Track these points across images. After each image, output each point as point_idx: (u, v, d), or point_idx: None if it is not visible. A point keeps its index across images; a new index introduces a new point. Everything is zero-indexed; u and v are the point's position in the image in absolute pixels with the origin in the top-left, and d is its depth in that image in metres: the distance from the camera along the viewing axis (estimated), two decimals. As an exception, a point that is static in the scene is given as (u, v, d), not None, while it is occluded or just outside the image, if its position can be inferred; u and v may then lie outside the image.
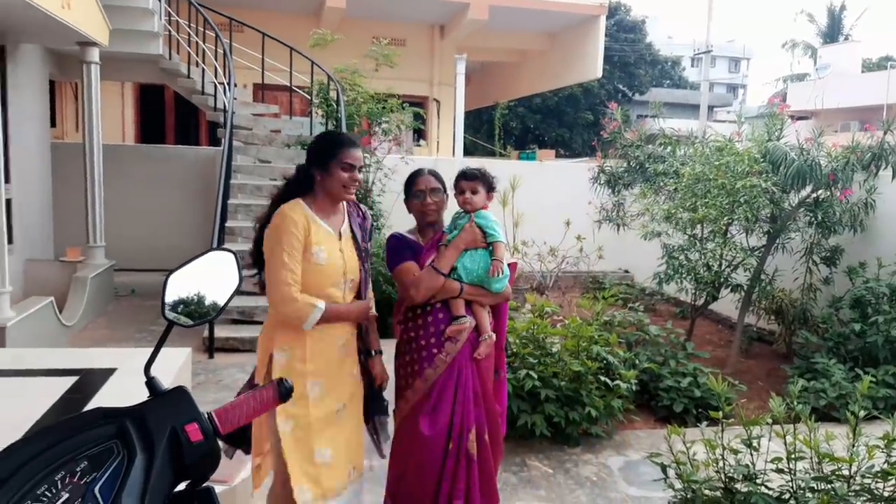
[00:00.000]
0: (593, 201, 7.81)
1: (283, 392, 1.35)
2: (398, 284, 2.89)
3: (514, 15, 12.77)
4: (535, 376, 4.28)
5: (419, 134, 14.53)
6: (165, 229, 9.86)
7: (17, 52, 7.32)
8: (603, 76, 35.11)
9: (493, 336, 2.87)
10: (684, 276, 6.48)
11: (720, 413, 3.31)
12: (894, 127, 6.09)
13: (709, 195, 6.18)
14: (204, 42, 8.99)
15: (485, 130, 29.95)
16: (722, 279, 6.48)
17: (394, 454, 2.85)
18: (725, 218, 6.04)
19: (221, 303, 1.49)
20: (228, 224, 7.28)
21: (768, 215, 6.47)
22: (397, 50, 13.50)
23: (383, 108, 8.80)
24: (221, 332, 6.17)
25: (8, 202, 7.07)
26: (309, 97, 9.30)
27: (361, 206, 2.90)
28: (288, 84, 9.31)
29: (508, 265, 2.90)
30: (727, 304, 7.63)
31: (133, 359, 4.47)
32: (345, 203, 2.73)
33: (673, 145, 7.24)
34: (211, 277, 1.49)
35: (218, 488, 3.25)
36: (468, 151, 26.82)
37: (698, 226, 6.52)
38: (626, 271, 11.06)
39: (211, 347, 5.95)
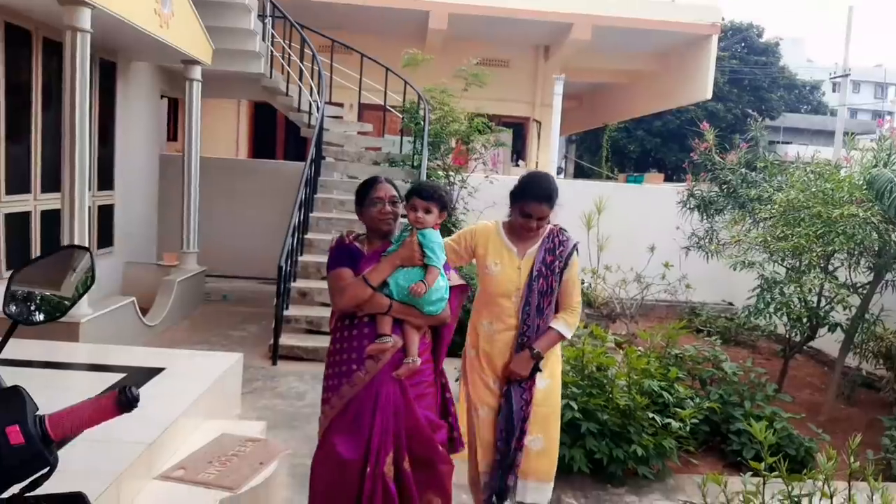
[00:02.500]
0: (681, 226, 7.35)
1: (124, 402, 1.24)
2: (329, 290, 2.80)
3: (620, 35, 12.41)
4: (576, 407, 4.01)
5: (518, 154, 14.41)
6: (264, 239, 10.26)
7: (129, 69, 7.90)
8: (731, 99, 33.71)
9: (418, 361, 2.70)
10: (774, 311, 5.93)
11: (762, 463, 2.95)
12: None
13: (802, 224, 5.64)
14: (302, 62, 9.34)
15: (600, 153, 29.41)
16: (820, 316, 5.88)
17: (312, 471, 2.74)
18: (819, 249, 5.48)
19: (70, 299, 1.43)
20: (308, 236, 7.47)
21: (875, 249, 5.82)
22: (498, 71, 13.64)
23: (470, 127, 8.77)
24: (289, 340, 6.29)
25: (110, 208, 7.62)
26: (402, 116, 9.44)
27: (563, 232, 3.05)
28: (386, 104, 9.50)
29: (456, 287, 2.79)
30: (836, 346, 6.94)
31: (183, 360, 4.63)
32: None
33: (771, 170, 6.69)
34: (60, 274, 1.43)
35: (224, 494, 3.26)
36: (578, 174, 26.44)
37: (794, 257, 5.97)
38: (730, 303, 10.35)
39: (275, 354, 6.07)
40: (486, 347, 2.82)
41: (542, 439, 2.80)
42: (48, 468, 1.20)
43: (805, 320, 5.99)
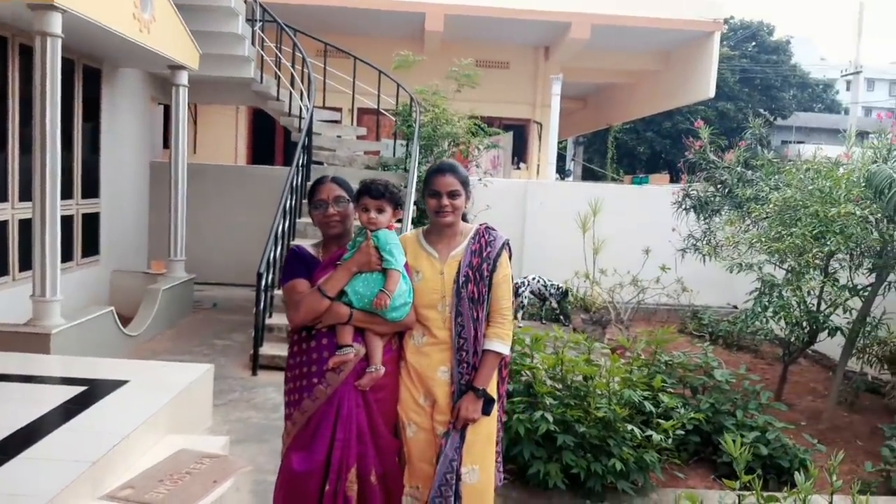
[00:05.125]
0: (677, 228, 7.13)
1: None
2: (285, 304, 2.65)
3: (619, 34, 12.20)
4: (551, 419, 3.81)
5: (519, 157, 14.22)
6: (258, 245, 10.11)
7: (115, 76, 7.81)
8: (742, 99, 33.29)
9: (382, 369, 2.56)
10: (773, 315, 5.70)
11: (736, 483, 2.76)
12: None
13: (799, 224, 5.41)
14: (293, 66, 9.22)
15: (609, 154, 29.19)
16: (819, 320, 5.65)
17: (275, 489, 2.61)
18: (814, 249, 5.25)
19: None
20: (296, 242, 7.32)
21: (876, 249, 5.57)
22: (498, 72, 13.49)
23: (465, 129, 8.61)
24: (270, 349, 6.14)
25: (96, 216, 7.53)
26: (395, 118, 9.29)
27: (491, 231, 2.73)
28: (380, 107, 9.35)
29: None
30: (840, 350, 6.70)
31: (150, 372, 4.48)
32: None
33: (768, 168, 6.47)
34: None
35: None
36: (587, 176, 26.19)
37: (793, 259, 5.74)
38: (734, 306, 10.10)
39: (255, 364, 5.92)
40: (415, 362, 2.62)
41: (479, 471, 2.58)
42: None
43: (804, 324, 5.76)
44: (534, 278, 8.17)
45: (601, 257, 7.83)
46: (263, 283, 6.08)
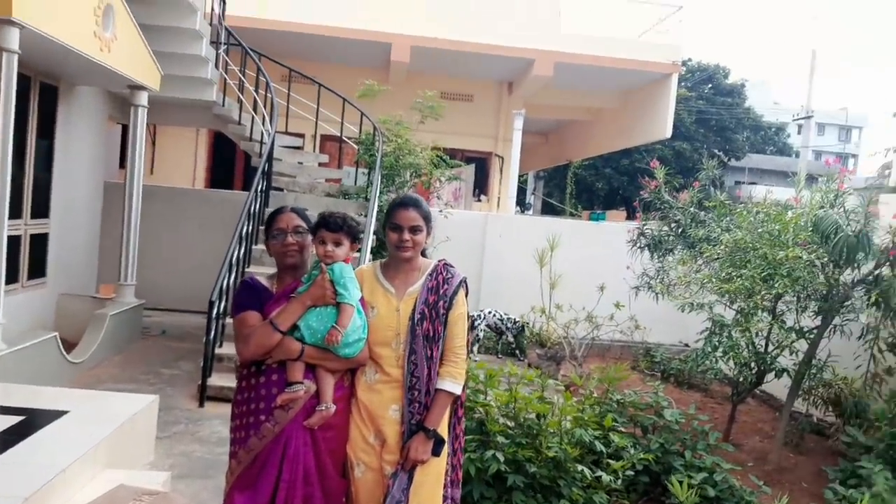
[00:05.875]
0: (632, 266, 7.24)
1: None
2: (234, 336, 2.60)
3: (581, 72, 12.47)
4: (502, 458, 3.79)
5: (480, 189, 14.34)
6: (212, 272, 9.94)
7: (72, 94, 7.65)
8: (697, 139, 34.20)
9: (332, 407, 2.51)
10: (722, 355, 5.81)
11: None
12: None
13: (748, 265, 5.55)
14: (256, 90, 9.17)
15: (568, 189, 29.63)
16: (767, 361, 5.77)
17: None
18: (763, 292, 5.38)
19: None
20: (250, 269, 7.21)
21: (822, 292, 5.74)
22: (461, 105, 13.64)
23: (427, 160, 8.65)
24: (219, 380, 5.98)
25: (44, 237, 7.31)
26: (357, 147, 9.29)
27: (449, 268, 2.70)
28: (343, 135, 9.34)
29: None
30: (787, 390, 6.84)
31: (91, 402, 4.34)
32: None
33: (720, 210, 6.63)
34: None
35: None
36: (546, 210, 26.50)
37: (742, 299, 5.86)
38: (686, 345, 10.25)
39: (202, 395, 5.76)
40: (366, 400, 2.58)
41: None
42: None
43: (752, 365, 5.88)
44: (490, 312, 8.19)
45: (558, 292, 7.91)
46: (215, 311, 5.96)
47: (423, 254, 2.76)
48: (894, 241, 5.31)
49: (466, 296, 2.72)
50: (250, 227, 7.17)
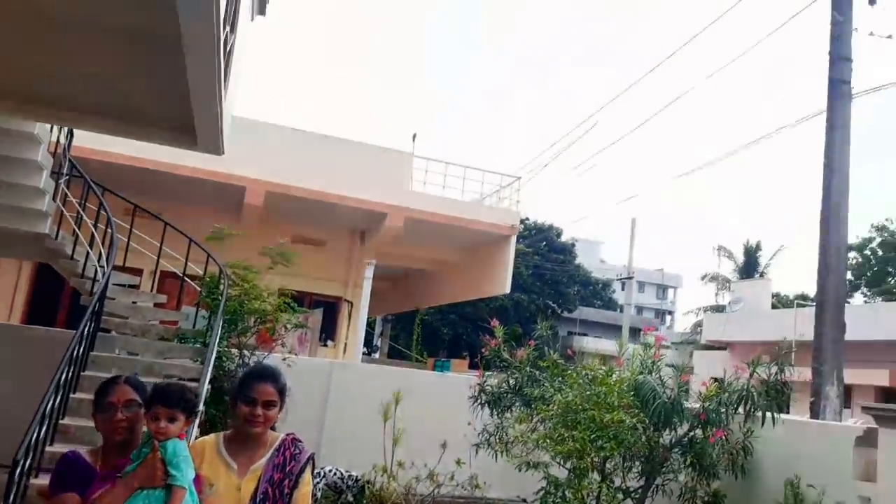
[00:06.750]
0: (473, 422, 7.39)
1: None
2: None
3: (429, 228, 13.19)
4: None
5: (327, 334, 14.25)
6: (23, 421, 8.90)
7: None
8: (534, 291, 36.50)
9: None
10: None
11: None
12: (762, 368, 6.02)
13: (579, 427, 5.87)
14: (96, 224, 8.78)
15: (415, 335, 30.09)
16: (596, 522, 5.97)
17: None
18: (592, 453, 5.68)
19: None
20: (65, 421, 6.55)
21: (644, 453, 6.15)
22: (314, 250, 13.79)
23: (274, 306, 8.54)
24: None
25: None
26: (199, 289, 9.01)
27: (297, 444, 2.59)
28: (186, 274, 9.05)
29: None
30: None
31: None
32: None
33: (552, 370, 7.04)
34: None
35: None
36: (392, 354, 26.63)
37: (574, 459, 6.13)
38: (525, 500, 10.36)
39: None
40: None
41: None
42: None
43: (584, 525, 6.05)
44: (331, 470, 7.91)
45: (400, 447, 7.83)
46: (19, 470, 5.29)
47: (272, 427, 2.70)
48: (704, 406, 5.88)
49: (312, 471, 2.66)
50: (70, 374, 6.59)
